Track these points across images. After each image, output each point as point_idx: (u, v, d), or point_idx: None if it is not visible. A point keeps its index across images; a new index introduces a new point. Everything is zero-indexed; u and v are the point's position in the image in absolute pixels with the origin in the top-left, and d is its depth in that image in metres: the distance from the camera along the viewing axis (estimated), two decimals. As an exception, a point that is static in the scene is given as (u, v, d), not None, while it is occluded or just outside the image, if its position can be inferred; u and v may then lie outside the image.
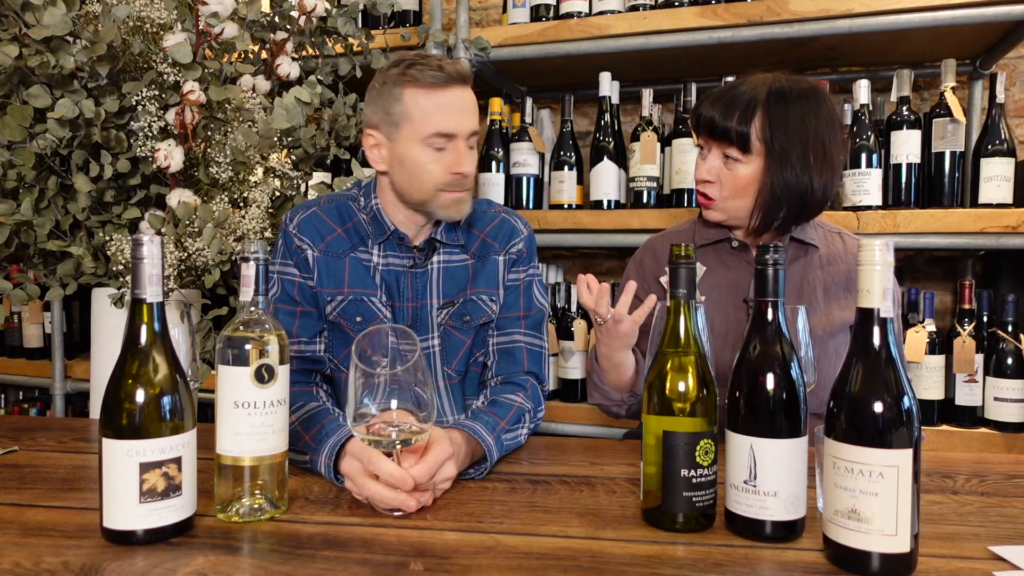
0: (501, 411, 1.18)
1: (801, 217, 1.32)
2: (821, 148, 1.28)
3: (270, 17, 1.82)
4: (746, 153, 1.28)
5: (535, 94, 2.41)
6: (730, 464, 0.86)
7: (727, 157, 1.30)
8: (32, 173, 1.62)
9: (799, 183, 1.27)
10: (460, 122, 1.21)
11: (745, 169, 1.29)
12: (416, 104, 1.20)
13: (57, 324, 2.33)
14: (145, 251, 0.84)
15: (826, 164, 1.28)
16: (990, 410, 1.82)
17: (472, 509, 0.96)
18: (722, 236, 1.39)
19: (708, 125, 1.31)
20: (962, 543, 0.85)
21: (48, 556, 0.80)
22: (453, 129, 1.20)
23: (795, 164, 1.26)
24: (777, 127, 1.27)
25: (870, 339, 0.78)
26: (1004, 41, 1.92)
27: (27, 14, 1.50)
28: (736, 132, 1.27)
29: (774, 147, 1.27)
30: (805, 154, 1.27)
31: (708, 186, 1.33)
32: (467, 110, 1.22)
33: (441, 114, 1.20)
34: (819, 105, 1.30)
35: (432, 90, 1.19)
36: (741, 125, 1.27)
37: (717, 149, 1.32)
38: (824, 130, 1.29)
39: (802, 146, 1.27)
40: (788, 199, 1.28)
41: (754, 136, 1.27)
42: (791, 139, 1.27)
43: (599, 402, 1.37)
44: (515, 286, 1.35)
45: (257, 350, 0.89)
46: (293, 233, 1.31)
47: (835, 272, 1.36)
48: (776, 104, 1.28)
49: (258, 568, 0.79)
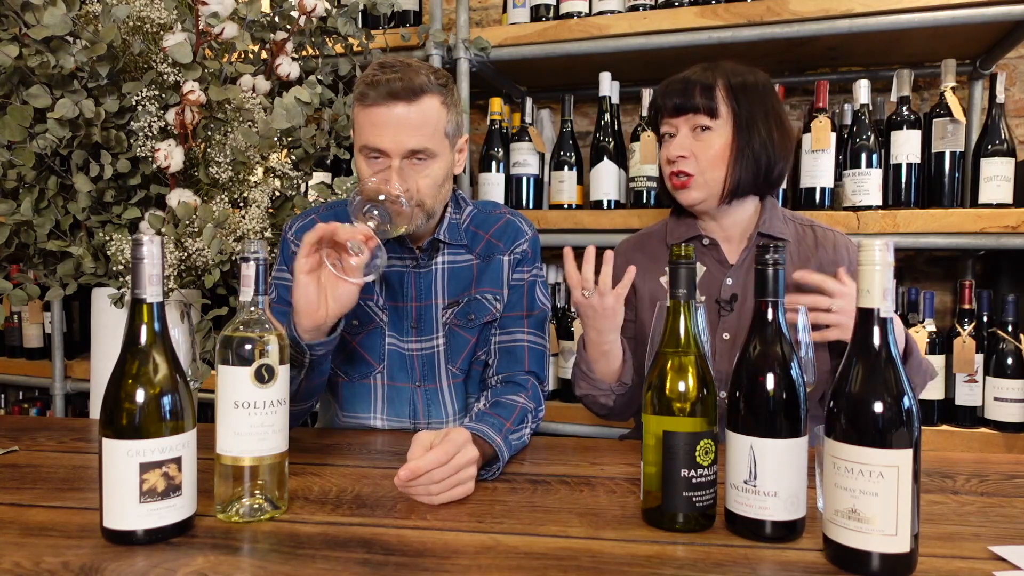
0: (505, 412, 1.18)
1: (765, 187, 1.35)
2: (779, 120, 1.33)
3: (270, 17, 1.82)
4: (714, 118, 1.31)
5: (535, 94, 2.41)
6: (730, 464, 0.86)
7: (697, 129, 1.32)
8: (32, 173, 1.62)
9: (766, 152, 1.31)
10: (388, 139, 1.18)
11: (715, 137, 1.32)
12: (356, 117, 1.23)
13: (57, 324, 2.33)
14: (145, 251, 0.84)
15: (784, 135, 1.34)
16: (990, 410, 1.82)
17: (472, 509, 0.96)
18: (693, 234, 1.40)
19: (672, 104, 1.33)
20: (962, 543, 0.85)
21: (48, 556, 0.80)
22: (379, 145, 1.19)
23: (760, 130, 1.31)
24: (740, 91, 1.32)
25: (870, 339, 0.78)
26: (1004, 41, 1.92)
27: (27, 14, 1.50)
28: (702, 97, 1.31)
29: (741, 112, 1.31)
30: (767, 122, 1.32)
31: (683, 162, 1.33)
32: (401, 128, 1.18)
33: (371, 129, 1.19)
34: (768, 84, 1.36)
35: (367, 107, 1.19)
36: (705, 92, 1.31)
37: (685, 126, 1.34)
38: (778, 106, 1.35)
39: (764, 114, 1.32)
40: (757, 167, 1.31)
41: (719, 101, 1.31)
42: (755, 105, 1.31)
43: (586, 392, 1.34)
44: (519, 286, 1.36)
45: (257, 350, 0.89)
46: (291, 240, 1.35)
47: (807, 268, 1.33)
48: (733, 75, 1.33)
49: (258, 568, 0.78)
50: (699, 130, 1.32)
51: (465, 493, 0.99)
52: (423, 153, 1.21)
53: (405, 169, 1.20)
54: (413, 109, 1.18)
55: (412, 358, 1.35)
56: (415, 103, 1.18)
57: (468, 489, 0.99)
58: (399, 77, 1.18)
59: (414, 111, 1.19)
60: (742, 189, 1.33)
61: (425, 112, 1.20)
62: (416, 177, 1.21)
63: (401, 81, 1.17)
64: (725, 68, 1.34)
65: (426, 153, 1.21)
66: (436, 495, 0.96)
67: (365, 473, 1.10)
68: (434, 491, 0.96)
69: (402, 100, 1.18)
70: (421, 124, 1.19)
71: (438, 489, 0.96)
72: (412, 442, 0.99)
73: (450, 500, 0.97)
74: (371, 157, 1.21)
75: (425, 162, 1.22)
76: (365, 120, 1.20)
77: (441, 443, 0.97)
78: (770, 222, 1.37)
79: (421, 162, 1.22)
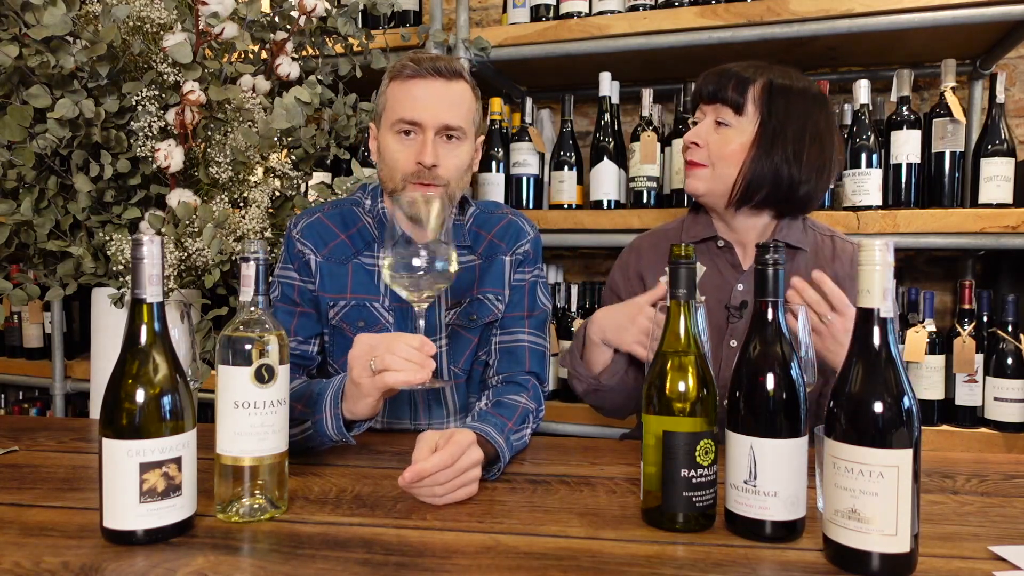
0: (507, 412, 1.18)
1: (781, 207, 1.30)
2: (819, 146, 1.26)
3: (270, 17, 1.82)
4: (739, 115, 1.27)
5: (535, 94, 2.41)
6: (730, 464, 0.86)
7: (719, 123, 1.29)
8: (32, 173, 1.62)
9: (789, 171, 1.25)
10: (426, 111, 1.20)
11: (734, 134, 1.27)
12: (391, 93, 1.24)
13: (57, 324, 2.33)
14: (145, 251, 0.84)
15: (819, 164, 1.27)
16: (990, 410, 1.82)
17: (472, 509, 0.96)
18: (709, 234, 1.37)
19: (706, 90, 1.30)
20: (962, 543, 0.85)
21: (48, 556, 0.80)
22: (415, 116, 1.20)
23: (788, 148, 1.25)
24: (779, 96, 1.26)
25: (870, 339, 0.78)
26: (1004, 41, 1.92)
27: (27, 14, 1.50)
28: (733, 88, 1.27)
29: (770, 120, 1.26)
30: (800, 142, 1.25)
31: (695, 150, 1.31)
32: (440, 102, 1.21)
33: (407, 101, 1.21)
34: (823, 104, 1.29)
35: (405, 80, 1.22)
36: (739, 86, 1.27)
37: (711, 114, 1.30)
38: (824, 129, 1.27)
39: (798, 132, 1.25)
40: (775, 182, 1.26)
41: (750, 100, 1.27)
42: (790, 119, 1.25)
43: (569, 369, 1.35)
44: (520, 286, 1.36)
45: (257, 350, 0.89)
46: (296, 238, 1.33)
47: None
48: (779, 79, 1.27)
49: (258, 568, 0.78)
50: (720, 124, 1.29)
51: (469, 495, 0.99)
52: (457, 132, 1.23)
53: (438, 144, 1.22)
54: (451, 87, 1.22)
55: None
56: (453, 82, 1.22)
57: (472, 491, 0.99)
58: (440, 58, 1.24)
59: (452, 89, 1.22)
60: (752, 199, 1.28)
61: (462, 94, 1.24)
62: (447, 156, 1.23)
63: (443, 61, 1.22)
64: (774, 70, 1.29)
65: (459, 132, 1.23)
66: (440, 496, 0.96)
67: (365, 473, 1.10)
68: (438, 492, 0.96)
69: (443, 76, 1.21)
70: (458, 102, 1.23)
71: (442, 491, 0.96)
72: (417, 441, 0.99)
73: (454, 501, 0.98)
74: (403, 132, 1.22)
75: (456, 142, 1.24)
76: (403, 93, 1.22)
77: (447, 445, 0.97)
78: (787, 230, 1.32)
79: (452, 140, 1.23)
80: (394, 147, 1.23)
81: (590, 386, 1.31)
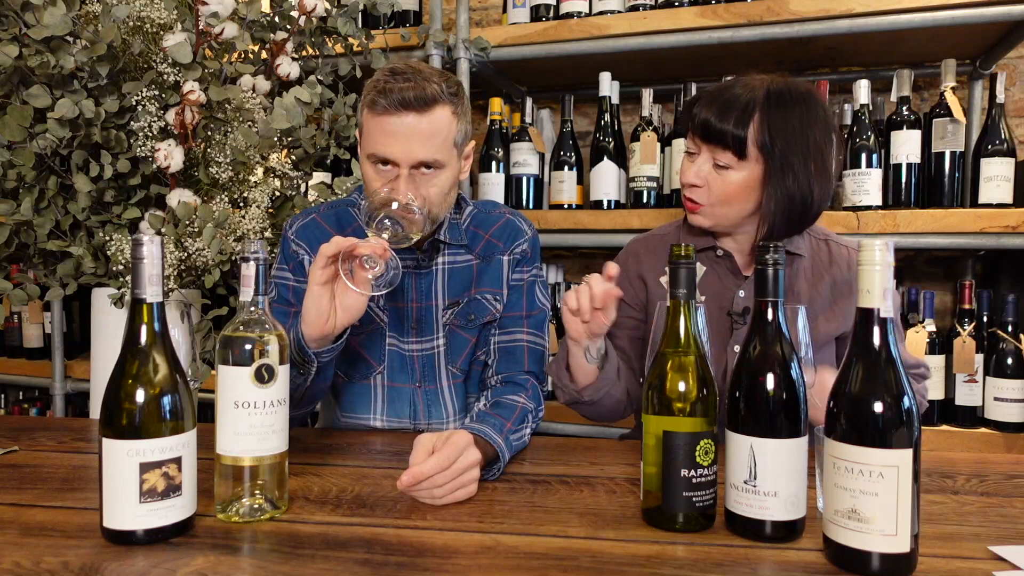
0: (506, 412, 1.18)
1: (800, 225, 1.29)
2: (820, 157, 1.24)
3: (270, 17, 1.82)
4: (741, 159, 1.24)
5: (535, 94, 2.41)
6: (730, 464, 0.86)
7: (717, 165, 1.25)
8: (32, 173, 1.62)
9: (801, 191, 1.23)
10: (399, 149, 1.17)
11: (736, 176, 1.25)
12: (365, 122, 1.20)
13: (57, 324, 2.33)
14: (145, 251, 0.84)
15: (824, 173, 1.25)
16: (990, 410, 1.82)
17: (472, 509, 0.96)
18: (708, 244, 1.34)
19: (703, 127, 1.25)
20: (962, 543, 0.85)
21: (48, 556, 0.80)
22: (388, 155, 1.17)
23: (797, 172, 1.22)
24: (777, 132, 1.22)
25: (870, 339, 0.78)
26: (1004, 41, 1.92)
27: (27, 14, 1.50)
28: (732, 136, 1.22)
29: (774, 153, 1.22)
30: (806, 162, 1.23)
31: (695, 191, 1.28)
32: (412, 139, 1.16)
33: (379, 137, 1.17)
34: (818, 111, 1.26)
35: (377, 115, 1.17)
36: (738, 128, 1.22)
37: (708, 152, 1.26)
38: (822, 139, 1.25)
39: (803, 154, 1.23)
40: (791, 208, 1.24)
41: (751, 141, 1.22)
42: (792, 146, 1.22)
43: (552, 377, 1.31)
44: (518, 286, 1.36)
45: (257, 350, 0.89)
46: (291, 239, 1.34)
47: (820, 285, 1.32)
48: (775, 107, 1.23)
49: (258, 568, 0.78)
50: (719, 166, 1.25)
51: (468, 496, 0.99)
52: (432, 164, 1.19)
53: (414, 178, 1.19)
54: (424, 120, 1.16)
55: (412, 359, 1.35)
56: (426, 113, 1.16)
57: (471, 491, 0.99)
58: (411, 86, 1.15)
59: (425, 122, 1.16)
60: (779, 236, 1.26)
61: (436, 123, 1.17)
62: (425, 186, 1.20)
63: (413, 90, 1.15)
64: (771, 91, 1.24)
65: (435, 164, 1.19)
66: (439, 498, 0.97)
67: (365, 473, 1.10)
68: (437, 494, 0.96)
69: (413, 110, 1.15)
70: (432, 135, 1.17)
71: (441, 493, 0.96)
72: (414, 445, 0.99)
73: (453, 502, 0.98)
74: (379, 165, 1.20)
75: (434, 171, 1.20)
76: (375, 128, 1.18)
77: (443, 447, 0.97)
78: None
79: (430, 171, 1.20)
80: (371, 174, 1.21)
81: (571, 398, 1.28)
